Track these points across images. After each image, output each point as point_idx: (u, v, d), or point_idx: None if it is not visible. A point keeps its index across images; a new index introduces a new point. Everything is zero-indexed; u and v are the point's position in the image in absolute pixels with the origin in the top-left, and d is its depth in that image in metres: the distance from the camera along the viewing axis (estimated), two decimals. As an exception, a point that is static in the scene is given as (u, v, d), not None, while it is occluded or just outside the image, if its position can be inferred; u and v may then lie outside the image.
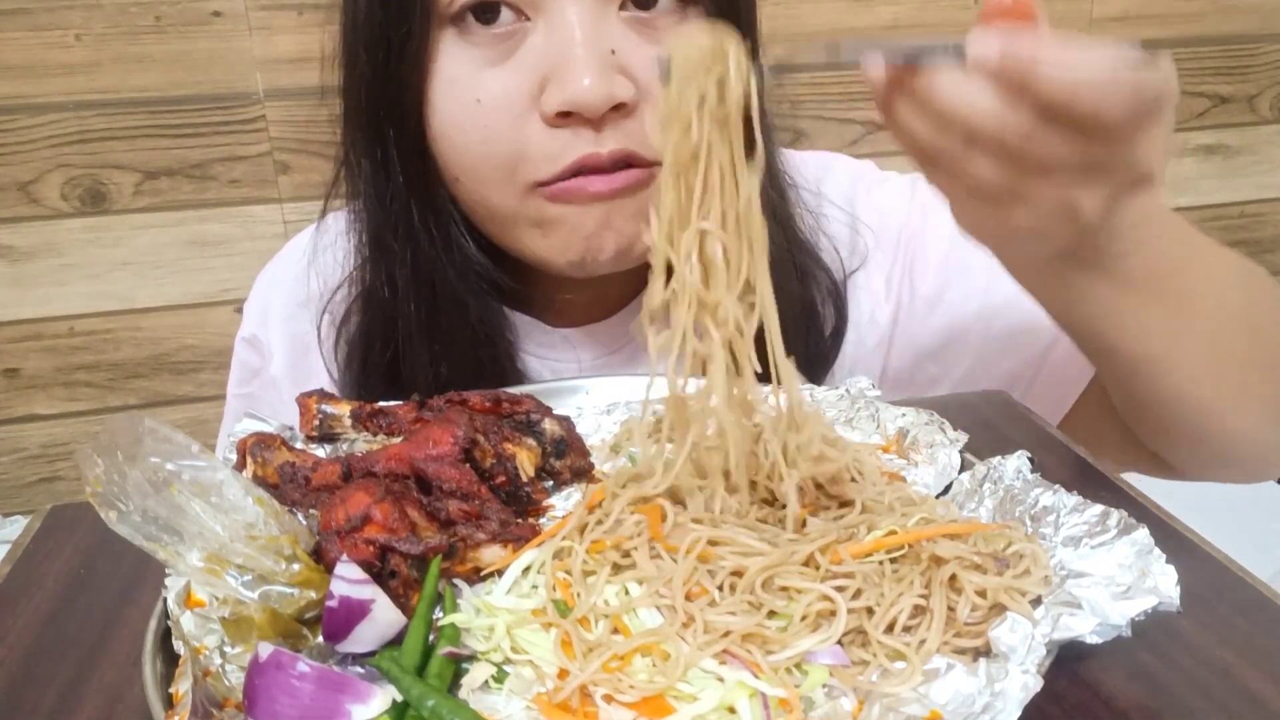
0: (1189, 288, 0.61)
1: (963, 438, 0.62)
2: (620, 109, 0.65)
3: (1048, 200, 0.50)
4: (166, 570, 0.49)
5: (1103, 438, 0.75)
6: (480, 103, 0.66)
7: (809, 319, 0.81)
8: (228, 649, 0.47)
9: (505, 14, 0.66)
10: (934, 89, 0.48)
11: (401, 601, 0.50)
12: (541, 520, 0.60)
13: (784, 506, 0.54)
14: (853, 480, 0.56)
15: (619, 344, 0.85)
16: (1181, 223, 0.62)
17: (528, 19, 0.66)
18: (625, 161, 0.67)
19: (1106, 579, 0.46)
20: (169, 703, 0.44)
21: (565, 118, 0.65)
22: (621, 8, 0.66)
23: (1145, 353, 0.62)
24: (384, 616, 0.48)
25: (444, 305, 0.76)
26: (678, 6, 0.68)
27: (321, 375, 0.83)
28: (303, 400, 0.67)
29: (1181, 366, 0.63)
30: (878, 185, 0.88)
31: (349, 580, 0.48)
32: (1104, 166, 0.49)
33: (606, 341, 0.84)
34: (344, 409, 0.67)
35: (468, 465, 0.58)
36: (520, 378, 0.80)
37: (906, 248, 0.84)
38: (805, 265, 0.81)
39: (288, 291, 0.87)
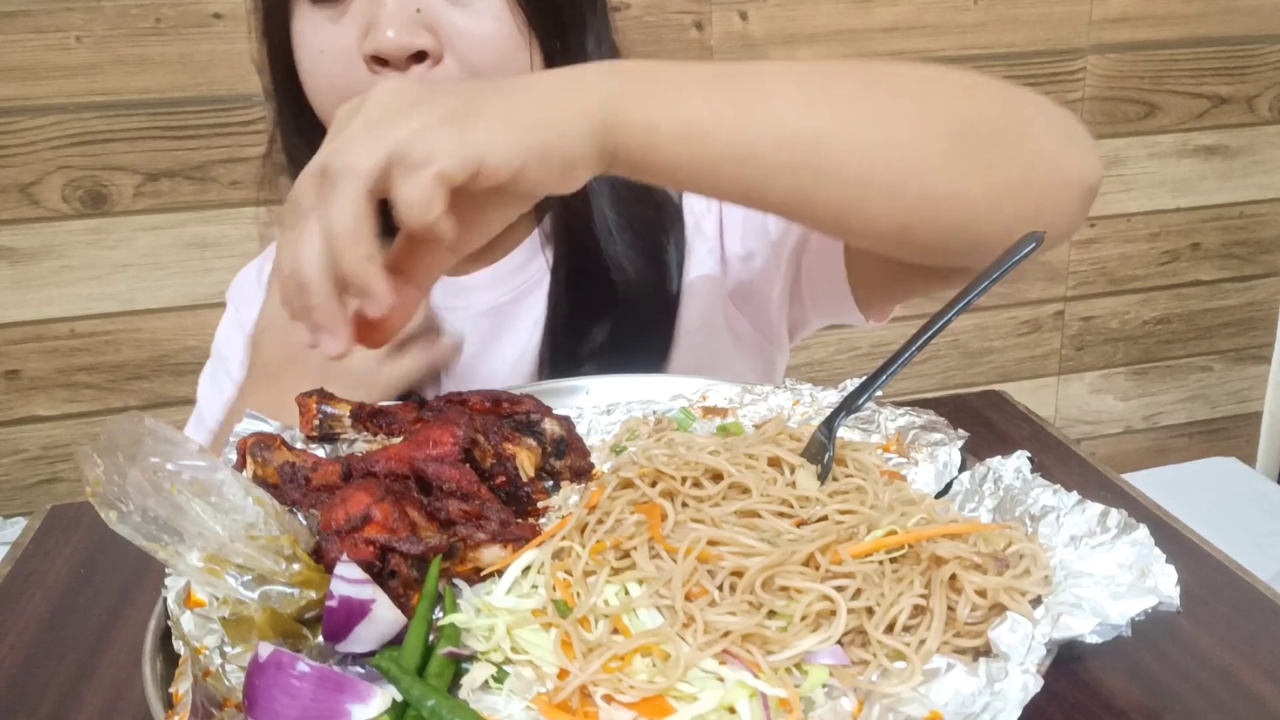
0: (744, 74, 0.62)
1: (963, 437, 0.62)
2: (424, 59, 0.75)
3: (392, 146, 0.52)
4: (166, 570, 0.49)
5: (884, 273, 0.80)
6: (323, 53, 0.78)
7: (654, 239, 0.87)
8: (228, 649, 0.47)
9: None
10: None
11: (401, 601, 0.50)
12: (541, 520, 0.60)
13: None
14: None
15: (514, 288, 0.88)
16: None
17: None
18: None
19: (1106, 579, 0.46)
20: (169, 703, 0.44)
21: (381, 64, 0.75)
22: None
23: (804, 146, 0.60)
24: (384, 616, 0.48)
25: None
26: None
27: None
28: (303, 400, 0.67)
29: (849, 142, 0.60)
30: None
31: (349, 580, 0.48)
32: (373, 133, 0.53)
33: (500, 284, 0.88)
34: (344, 409, 0.67)
35: (468, 465, 0.58)
36: None
37: None
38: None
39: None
